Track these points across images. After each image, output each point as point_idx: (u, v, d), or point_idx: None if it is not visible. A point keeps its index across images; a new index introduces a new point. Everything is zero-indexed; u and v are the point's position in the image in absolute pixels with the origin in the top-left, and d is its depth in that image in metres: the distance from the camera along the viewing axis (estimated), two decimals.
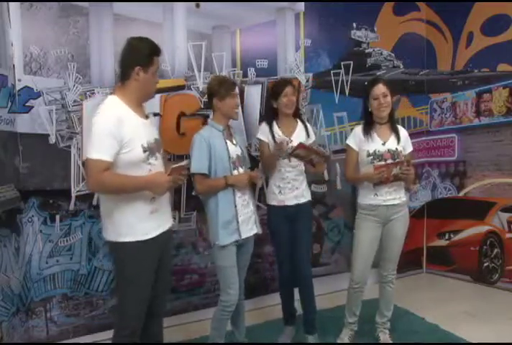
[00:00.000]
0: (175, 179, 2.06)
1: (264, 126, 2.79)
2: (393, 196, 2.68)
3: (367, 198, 2.72)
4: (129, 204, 2.00)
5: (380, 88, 2.63)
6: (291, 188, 2.72)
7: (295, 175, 2.73)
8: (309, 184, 2.90)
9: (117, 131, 1.91)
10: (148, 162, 2.02)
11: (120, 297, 2.13)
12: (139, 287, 2.05)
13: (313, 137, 2.84)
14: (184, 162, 2.16)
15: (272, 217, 2.79)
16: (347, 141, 2.79)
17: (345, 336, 2.86)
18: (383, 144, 2.68)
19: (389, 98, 2.64)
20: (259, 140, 2.80)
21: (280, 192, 2.73)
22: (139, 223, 2.01)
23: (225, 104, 2.47)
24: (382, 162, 2.64)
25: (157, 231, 2.07)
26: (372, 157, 2.67)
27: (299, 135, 2.77)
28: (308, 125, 2.86)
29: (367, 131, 2.71)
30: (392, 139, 2.70)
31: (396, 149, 2.67)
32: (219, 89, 2.46)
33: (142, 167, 2.00)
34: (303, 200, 2.76)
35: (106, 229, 2.08)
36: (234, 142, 2.55)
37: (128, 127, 1.95)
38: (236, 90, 2.56)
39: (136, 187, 1.99)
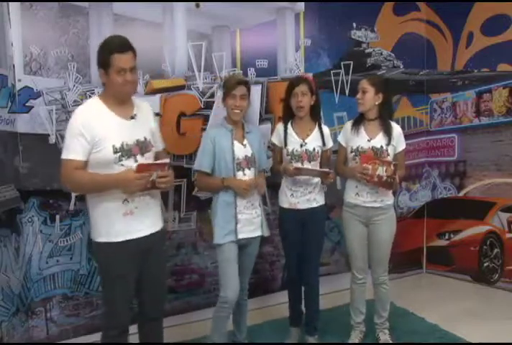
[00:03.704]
0: (145, 177, 1.91)
1: (279, 126, 2.70)
2: (374, 199, 2.63)
3: (349, 195, 2.72)
4: (102, 205, 2.01)
5: (360, 83, 2.63)
6: (303, 192, 2.64)
7: (308, 179, 2.62)
8: None
9: (87, 129, 1.92)
10: (120, 163, 1.98)
11: (102, 297, 2.17)
12: (116, 288, 2.05)
13: (329, 145, 2.72)
14: (163, 161, 2.00)
15: (283, 219, 2.74)
16: (338, 137, 2.80)
17: (355, 338, 2.82)
18: (369, 140, 2.63)
19: (368, 95, 2.58)
20: (273, 144, 2.74)
21: (292, 195, 2.66)
22: (113, 224, 2.01)
23: (226, 104, 2.46)
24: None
25: (133, 235, 2.03)
26: (354, 153, 2.65)
27: (315, 140, 2.66)
28: (326, 131, 2.71)
29: (355, 126, 2.68)
30: (381, 136, 2.63)
31: (381, 147, 2.61)
32: (223, 88, 2.47)
33: (113, 168, 1.97)
34: (315, 204, 2.67)
35: (90, 228, 2.12)
36: (244, 143, 2.49)
37: (100, 126, 1.95)
38: (241, 89, 2.41)
39: (106, 185, 1.96)
